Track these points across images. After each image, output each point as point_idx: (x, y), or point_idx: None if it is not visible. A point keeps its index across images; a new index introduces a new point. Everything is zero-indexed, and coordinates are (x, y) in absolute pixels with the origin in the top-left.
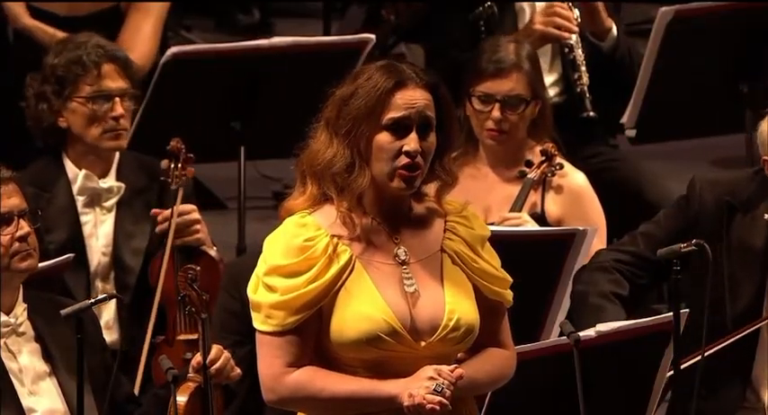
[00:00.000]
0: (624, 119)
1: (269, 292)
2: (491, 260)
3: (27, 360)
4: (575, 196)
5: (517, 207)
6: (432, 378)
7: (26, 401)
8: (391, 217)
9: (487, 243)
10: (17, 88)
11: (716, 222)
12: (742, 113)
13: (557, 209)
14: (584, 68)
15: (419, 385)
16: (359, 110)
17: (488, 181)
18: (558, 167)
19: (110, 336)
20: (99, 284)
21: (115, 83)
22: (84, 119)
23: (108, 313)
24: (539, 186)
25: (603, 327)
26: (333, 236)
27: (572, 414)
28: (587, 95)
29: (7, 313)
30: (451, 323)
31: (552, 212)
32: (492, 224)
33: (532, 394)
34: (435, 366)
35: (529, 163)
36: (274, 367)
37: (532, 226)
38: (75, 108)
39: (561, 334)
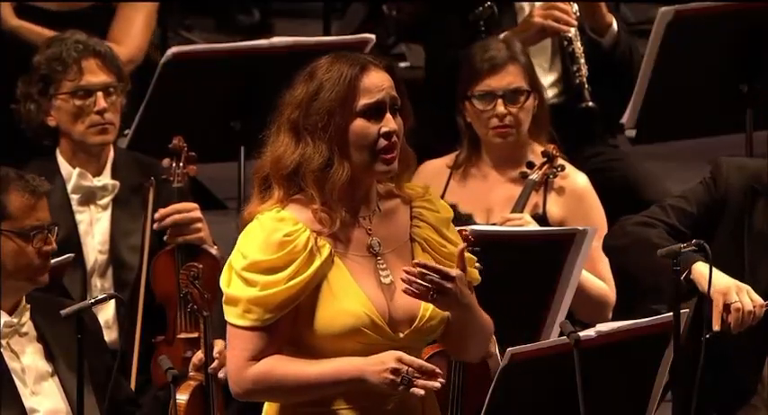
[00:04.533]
0: (624, 120)
1: (247, 286)
2: (457, 240)
3: (30, 360)
4: (576, 197)
5: (519, 207)
6: (395, 371)
7: (28, 402)
8: (362, 208)
9: (451, 224)
10: (10, 89)
11: (740, 205)
12: (742, 113)
13: (558, 211)
14: (582, 60)
15: (381, 378)
16: (332, 103)
17: (490, 182)
18: (559, 169)
19: (109, 335)
20: (97, 282)
21: (97, 77)
22: (69, 116)
23: (107, 312)
24: (540, 187)
25: (603, 327)
26: (312, 231)
27: (572, 414)
28: (586, 86)
29: (10, 314)
30: (428, 313)
31: (554, 213)
32: (494, 224)
33: (532, 394)
34: (397, 355)
35: (530, 165)
36: (239, 360)
37: (534, 227)
38: (60, 105)
39: (561, 334)
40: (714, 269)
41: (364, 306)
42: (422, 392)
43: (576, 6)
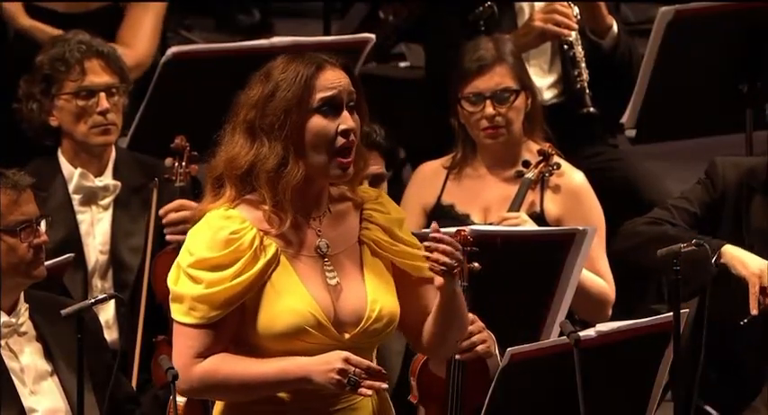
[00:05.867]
0: (624, 119)
1: (193, 283)
2: (410, 240)
3: (29, 360)
4: (573, 195)
5: (515, 206)
6: (342, 371)
7: (27, 401)
8: (313, 210)
9: (405, 225)
10: (11, 88)
11: (737, 202)
12: (742, 113)
13: (555, 209)
14: (583, 65)
15: (327, 378)
16: (288, 102)
17: (486, 182)
18: (555, 167)
19: (109, 335)
20: (97, 282)
21: (100, 78)
22: (71, 116)
23: (107, 312)
24: (536, 186)
25: (603, 327)
26: (259, 230)
27: (572, 414)
28: (587, 91)
29: (9, 313)
30: (374, 315)
31: (551, 211)
32: (491, 224)
33: (532, 394)
34: (344, 355)
35: (526, 164)
36: (184, 357)
37: (531, 226)
38: (63, 105)
39: (561, 334)
40: (744, 251)
41: (309, 305)
42: (369, 392)
43: (576, 9)
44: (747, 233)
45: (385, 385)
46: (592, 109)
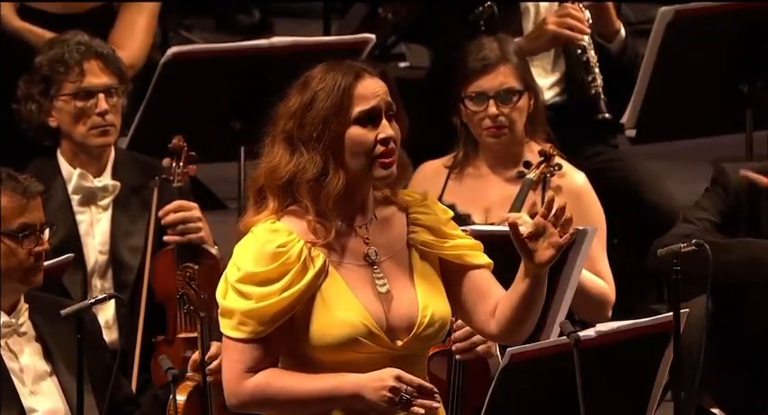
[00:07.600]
0: (624, 119)
1: (242, 299)
2: (459, 234)
3: (28, 360)
4: (574, 196)
5: (516, 207)
6: (394, 389)
7: (27, 401)
8: (358, 217)
9: (452, 223)
10: (10, 88)
11: (749, 206)
12: (742, 113)
13: None
14: (597, 70)
15: (379, 396)
16: (327, 111)
17: (488, 182)
18: (556, 167)
19: (109, 335)
20: (97, 282)
21: (98, 79)
22: (70, 117)
23: (107, 312)
24: (538, 186)
25: (603, 327)
26: (306, 242)
27: (572, 414)
28: (602, 97)
29: (9, 314)
30: (426, 320)
31: None
32: (492, 224)
33: (532, 394)
34: (396, 373)
35: (527, 164)
36: (234, 372)
37: None
38: (62, 106)
39: (561, 334)
40: None
41: (360, 315)
42: (422, 411)
43: (588, 13)
44: (760, 238)
45: (437, 404)
46: (607, 114)
